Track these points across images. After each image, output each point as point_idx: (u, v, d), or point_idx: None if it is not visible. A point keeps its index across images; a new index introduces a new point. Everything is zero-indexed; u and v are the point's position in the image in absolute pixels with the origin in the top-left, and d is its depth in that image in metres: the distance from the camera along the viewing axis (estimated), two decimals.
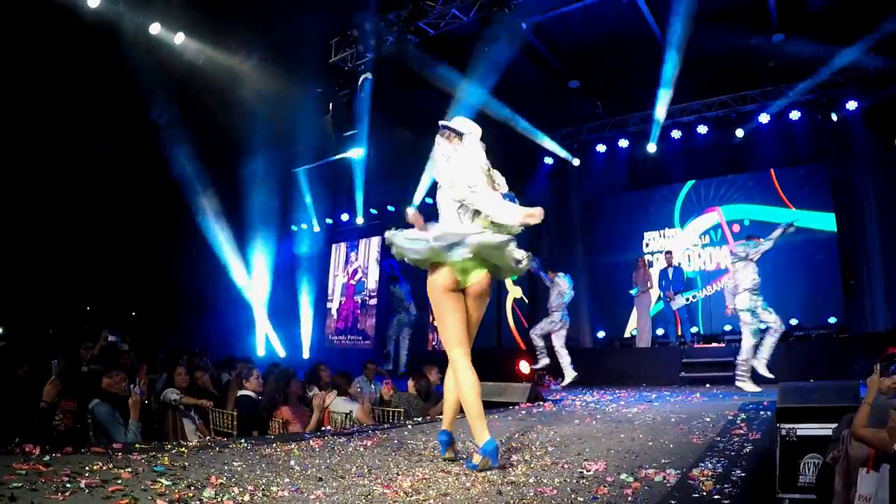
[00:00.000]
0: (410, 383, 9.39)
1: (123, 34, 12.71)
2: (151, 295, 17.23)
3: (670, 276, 14.49)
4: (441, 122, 4.73)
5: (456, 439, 4.60)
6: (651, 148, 16.33)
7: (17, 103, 12.91)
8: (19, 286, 14.48)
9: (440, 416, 7.74)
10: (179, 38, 13.57)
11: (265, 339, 19.62)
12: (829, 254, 14.15)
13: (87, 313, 16.62)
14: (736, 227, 15.35)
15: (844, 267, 14.08)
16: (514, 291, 17.94)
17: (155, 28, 13.15)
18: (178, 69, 13.73)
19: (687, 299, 14.88)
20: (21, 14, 11.78)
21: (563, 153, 17.51)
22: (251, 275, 19.30)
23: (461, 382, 4.25)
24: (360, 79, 13.67)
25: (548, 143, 17.21)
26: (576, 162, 17.72)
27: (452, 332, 4.35)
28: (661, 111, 15.26)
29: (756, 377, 10.69)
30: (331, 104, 14.97)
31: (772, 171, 15.18)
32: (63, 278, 15.24)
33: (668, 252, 15.19)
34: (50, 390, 5.73)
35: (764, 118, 14.96)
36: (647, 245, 16.57)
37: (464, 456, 4.43)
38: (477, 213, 4.44)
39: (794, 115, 14.78)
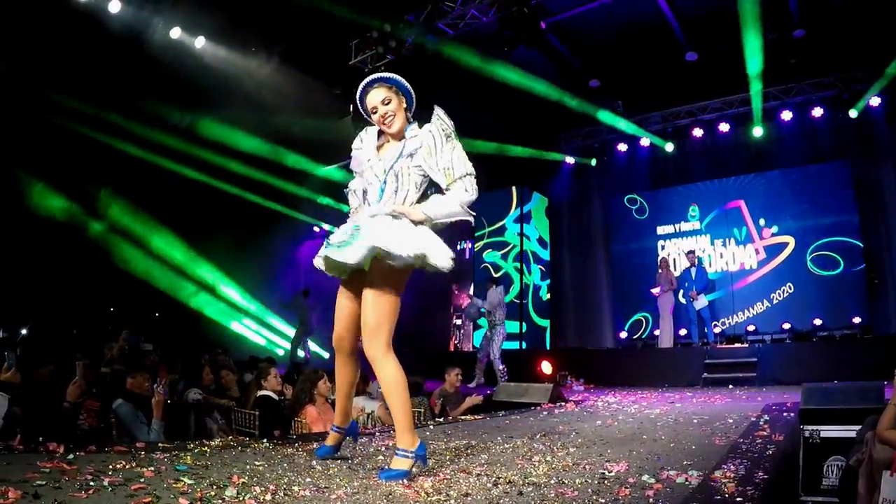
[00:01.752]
0: (450, 378, 9.42)
1: (145, 38, 12.84)
2: (174, 296, 17.32)
3: (693, 275, 14.39)
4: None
5: None
6: (669, 147, 16.33)
7: (44, 105, 13.03)
8: (44, 286, 14.60)
9: (462, 417, 7.76)
10: (200, 42, 13.65)
11: (285, 339, 19.68)
12: (852, 252, 14.03)
13: (110, 314, 16.73)
14: (767, 233, 15.22)
15: (868, 266, 13.96)
16: None
17: (176, 32, 13.24)
18: (199, 72, 13.81)
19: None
20: (46, 18, 11.88)
21: (583, 153, 17.53)
22: (270, 276, 19.40)
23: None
24: None
25: (569, 143, 17.22)
26: (593, 162, 17.72)
27: None
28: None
29: None
30: (351, 106, 15.00)
31: (794, 168, 15.08)
32: (87, 278, 15.35)
33: (691, 251, 15.09)
34: (74, 391, 5.77)
35: (786, 115, 14.89)
36: (668, 245, 16.46)
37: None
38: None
39: (817, 112, 14.70)
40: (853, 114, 14.25)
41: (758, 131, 15.33)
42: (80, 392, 5.87)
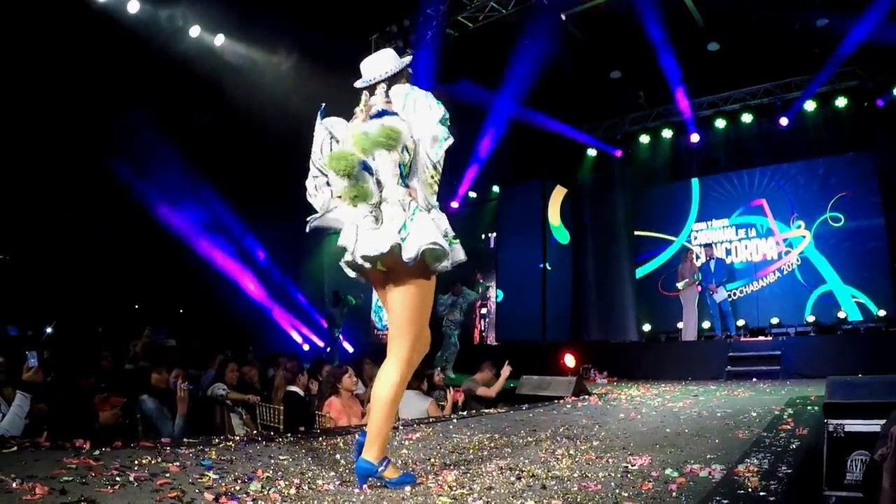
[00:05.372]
0: (483, 373, 9.41)
1: (164, 38, 12.91)
2: (197, 292, 17.39)
3: (712, 268, 14.30)
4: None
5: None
6: (694, 138, 16.19)
7: (65, 108, 13.11)
8: (70, 284, 14.72)
9: (486, 411, 7.77)
10: (219, 40, 13.68)
11: (309, 334, 19.72)
12: (877, 244, 13.84)
13: (134, 311, 16.84)
14: (790, 225, 15.06)
15: (893, 258, 13.79)
16: None
17: (195, 31, 13.28)
18: (219, 70, 13.86)
19: (730, 294, 14.65)
20: (62, 19, 11.96)
21: (605, 145, 17.42)
22: (294, 271, 19.44)
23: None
24: None
25: (591, 135, 17.13)
26: (618, 153, 17.61)
27: None
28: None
29: None
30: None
31: (818, 158, 14.92)
32: (112, 276, 15.46)
33: (708, 245, 15.00)
34: (108, 417, 5.79)
35: (809, 105, 14.74)
36: (694, 237, 16.30)
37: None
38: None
39: (840, 101, 14.54)
40: (881, 103, 14.04)
41: (784, 121, 15.17)
42: (114, 419, 5.87)
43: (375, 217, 3.56)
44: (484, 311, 18.93)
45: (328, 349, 17.14)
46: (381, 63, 3.80)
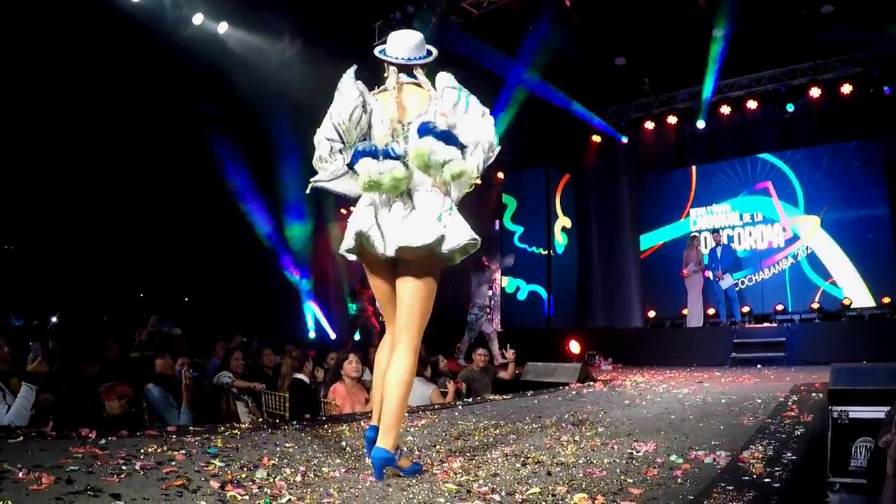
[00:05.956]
0: (476, 358, 9.38)
1: (167, 25, 12.88)
2: (203, 280, 17.40)
3: (719, 255, 14.30)
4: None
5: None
6: (700, 124, 16.10)
7: (68, 97, 13.09)
8: (75, 273, 14.74)
9: (491, 397, 7.78)
10: (223, 28, 13.64)
11: (316, 321, 19.74)
12: (882, 231, 13.77)
13: (139, 300, 16.85)
14: (794, 211, 15.00)
15: None
16: None
17: (198, 18, 13.24)
18: (222, 58, 13.82)
19: (737, 283, 14.64)
20: (65, 8, 11.94)
21: (610, 131, 17.34)
22: (306, 261, 19.45)
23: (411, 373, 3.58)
24: None
25: (595, 121, 17.06)
26: (624, 139, 17.52)
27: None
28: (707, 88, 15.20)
29: None
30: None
31: (822, 146, 14.85)
32: (117, 265, 15.47)
33: (716, 231, 15.01)
34: (115, 406, 5.81)
35: (815, 92, 14.66)
36: (696, 223, 16.26)
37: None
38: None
39: (846, 88, 14.43)
40: (886, 90, 13.96)
41: (789, 107, 15.09)
42: (120, 409, 5.88)
43: (404, 203, 3.55)
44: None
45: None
46: (418, 45, 3.85)
